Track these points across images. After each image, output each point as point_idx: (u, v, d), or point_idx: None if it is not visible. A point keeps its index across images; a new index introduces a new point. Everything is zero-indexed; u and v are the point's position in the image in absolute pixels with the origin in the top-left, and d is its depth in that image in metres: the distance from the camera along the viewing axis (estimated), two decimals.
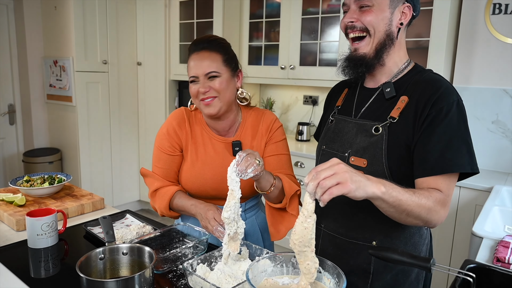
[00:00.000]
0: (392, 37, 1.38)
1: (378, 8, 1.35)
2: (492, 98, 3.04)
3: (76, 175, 4.57)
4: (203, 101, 1.65)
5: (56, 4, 4.46)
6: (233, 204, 1.34)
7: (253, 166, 1.37)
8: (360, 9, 1.37)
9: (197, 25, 4.36)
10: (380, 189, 1.11)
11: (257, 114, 1.82)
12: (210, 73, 1.61)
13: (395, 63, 1.43)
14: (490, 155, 3.06)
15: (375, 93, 1.45)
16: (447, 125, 1.27)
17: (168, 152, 1.77)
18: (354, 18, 1.37)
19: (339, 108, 1.57)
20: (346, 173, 1.05)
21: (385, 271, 1.43)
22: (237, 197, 1.34)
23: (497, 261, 1.52)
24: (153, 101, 4.81)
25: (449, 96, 1.30)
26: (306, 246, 1.10)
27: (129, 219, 1.94)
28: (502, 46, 2.96)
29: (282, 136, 1.81)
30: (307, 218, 1.08)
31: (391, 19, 1.36)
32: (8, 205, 1.99)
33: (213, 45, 1.65)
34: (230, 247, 1.39)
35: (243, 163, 1.36)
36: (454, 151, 1.26)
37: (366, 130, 1.40)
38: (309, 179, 1.06)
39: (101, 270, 1.36)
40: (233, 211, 1.35)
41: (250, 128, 1.79)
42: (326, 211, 1.51)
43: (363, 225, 1.43)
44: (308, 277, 1.14)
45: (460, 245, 2.72)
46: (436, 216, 1.24)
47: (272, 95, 4.48)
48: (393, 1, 1.35)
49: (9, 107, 4.83)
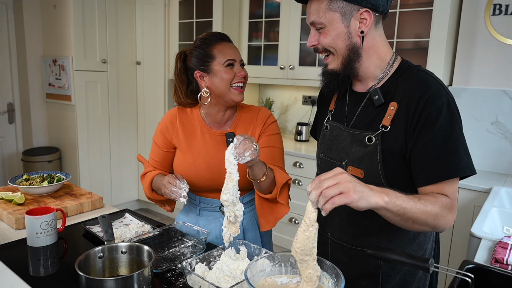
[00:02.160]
0: (356, 49, 1.34)
1: (331, 27, 1.31)
2: (491, 99, 3.03)
3: (75, 174, 4.57)
4: (235, 88, 1.73)
5: (55, 3, 4.46)
6: (231, 186, 1.36)
7: (251, 150, 1.39)
8: (317, 30, 1.35)
9: (196, 25, 4.36)
10: (383, 199, 1.10)
11: (252, 109, 1.88)
12: (241, 61, 1.76)
13: (376, 66, 1.38)
14: (489, 156, 3.06)
15: (364, 99, 1.42)
16: (439, 129, 1.25)
17: (161, 148, 1.87)
18: (315, 41, 1.36)
19: (332, 113, 1.55)
20: (349, 183, 1.05)
21: (393, 273, 1.43)
22: (235, 179, 1.36)
23: (495, 262, 1.52)
24: (152, 101, 4.81)
25: (438, 98, 1.26)
26: (308, 254, 1.10)
27: (128, 218, 1.94)
28: (502, 47, 2.96)
29: (276, 130, 1.85)
30: (309, 226, 1.08)
31: (349, 32, 1.31)
32: (7, 204, 1.99)
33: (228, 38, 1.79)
34: (230, 230, 1.42)
35: (241, 146, 1.38)
36: (452, 155, 1.25)
37: (359, 140, 1.38)
38: (312, 188, 1.06)
39: (100, 268, 1.37)
40: (231, 193, 1.36)
41: (245, 122, 1.84)
42: (331, 219, 1.51)
43: (368, 232, 1.43)
44: (310, 285, 1.14)
45: (459, 245, 2.72)
46: (444, 221, 1.23)
47: (271, 95, 4.48)
48: (345, 14, 1.29)
49: (8, 106, 4.83)
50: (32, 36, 4.69)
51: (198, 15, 4.31)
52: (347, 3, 1.28)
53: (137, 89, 4.96)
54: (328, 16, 1.30)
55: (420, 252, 1.45)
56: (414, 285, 1.46)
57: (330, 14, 1.29)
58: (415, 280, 1.46)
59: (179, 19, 4.46)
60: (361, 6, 1.28)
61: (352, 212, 1.42)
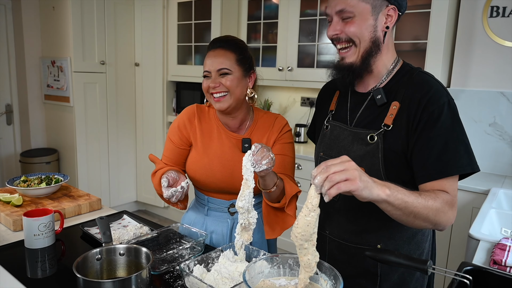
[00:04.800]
0: (378, 43, 1.36)
1: (361, 18, 1.32)
2: (489, 100, 3.04)
3: (73, 176, 4.56)
4: (213, 97, 1.72)
5: (54, 4, 4.46)
6: (247, 193, 1.36)
7: (268, 159, 1.39)
8: (342, 20, 1.35)
9: (195, 26, 4.36)
10: (385, 192, 1.10)
11: (270, 116, 1.87)
12: (222, 70, 1.68)
13: (383, 66, 1.41)
14: (487, 157, 3.07)
15: (367, 99, 1.44)
16: (440, 128, 1.27)
17: (177, 145, 1.84)
18: (338, 30, 1.36)
19: (333, 113, 1.56)
20: (356, 171, 1.05)
21: (391, 272, 1.44)
22: (251, 186, 1.37)
23: (493, 264, 1.52)
24: (151, 102, 4.81)
25: (439, 98, 1.29)
26: (308, 240, 1.09)
27: (126, 220, 1.94)
28: (500, 49, 2.97)
29: (290, 139, 1.85)
30: (311, 211, 1.07)
31: (376, 26, 1.34)
32: (5, 205, 1.99)
33: (230, 44, 1.73)
34: (243, 237, 1.42)
35: (258, 154, 1.38)
36: (452, 153, 1.26)
37: (361, 138, 1.39)
38: (318, 172, 1.05)
39: (98, 270, 1.36)
40: (247, 200, 1.37)
41: (262, 128, 1.83)
42: (329, 217, 1.51)
43: (367, 230, 1.44)
44: (308, 271, 1.13)
45: (457, 247, 2.72)
46: (445, 217, 1.24)
47: (269, 97, 4.48)
48: (375, 7, 1.32)
49: (7, 107, 4.82)
50: (30, 37, 4.69)
51: (196, 16, 4.32)
52: None
53: (135, 91, 4.96)
54: (360, 6, 1.31)
55: (418, 251, 1.46)
56: (412, 284, 1.47)
57: (362, 4, 1.31)
58: (413, 279, 1.47)
59: (178, 20, 4.47)
60: (390, 3, 1.33)
61: (351, 209, 1.43)
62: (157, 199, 4.86)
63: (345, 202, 1.46)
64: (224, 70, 1.68)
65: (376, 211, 1.21)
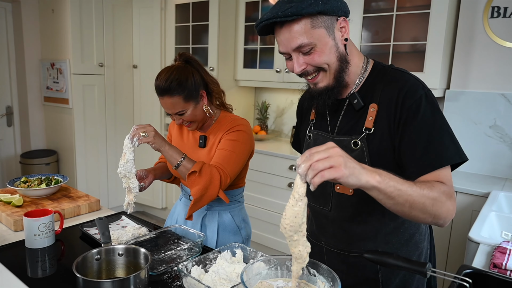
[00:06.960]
0: (344, 58, 1.33)
1: (321, 44, 1.27)
2: (489, 102, 3.03)
3: (72, 177, 4.57)
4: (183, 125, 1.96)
5: (53, 7, 4.47)
6: (123, 164, 1.68)
7: (137, 137, 1.67)
8: (304, 54, 1.29)
9: (192, 28, 4.36)
10: (375, 178, 1.06)
11: (232, 118, 1.96)
12: (177, 113, 1.85)
13: (354, 73, 1.38)
14: (488, 160, 3.05)
15: (344, 104, 1.41)
16: (421, 121, 1.25)
17: (169, 140, 2.16)
18: (303, 65, 1.30)
19: (313, 122, 1.54)
20: (341, 158, 1.01)
21: (393, 276, 1.42)
22: (126, 158, 1.67)
23: (494, 267, 1.51)
24: (149, 104, 4.80)
25: (415, 92, 1.27)
26: (298, 231, 1.06)
27: (124, 221, 1.95)
28: (500, 50, 2.96)
29: (235, 137, 1.88)
30: (298, 201, 1.03)
31: (336, 44, 1.30)
32: (6, 206, 2.00)
33: (172, 89, 1.80)
34: (129, 197, 1.75)
35: (132, 133, 1.68)
36: (437, 144, 1.24)
37: (345, 146, 1.36)
38: (302, 161, 1.02)
39: (97, 270, 1.37)
40: (123, 168, 1.69)
41: (219, 127, 1.95)
42: (323, 228, 1.50)
43: (363, 237, 1.42)
44: (300, 262, 1.11)
45: (456, 250, 2.71)
46: (444, 208, 1.19)
47: (267, 99, 4.48)
48: (329, 27, 1.27)
49: (7, 109, 4.83)
50: (30, 40, 4.71)
51: (194, 18, 4.32)
52: (326, 16, 1.26)
53: (133, 93, 4.96)
54: (316, 34, 1.26)
55: (417, 252, 1.45)
56: (414, 285, 1.45)
57: (317, 31, 1.26)
58: (414, 281, 1.45)
59: (176, 22, 4.46)
60: (338, 16, 1.28)
61: (345, 219, 1.42)
62: (155, 201, 4.86)
63: (338, 212, 1.43)
64: (179, 112, 1.84)
65: (370, 218, 1.19)
